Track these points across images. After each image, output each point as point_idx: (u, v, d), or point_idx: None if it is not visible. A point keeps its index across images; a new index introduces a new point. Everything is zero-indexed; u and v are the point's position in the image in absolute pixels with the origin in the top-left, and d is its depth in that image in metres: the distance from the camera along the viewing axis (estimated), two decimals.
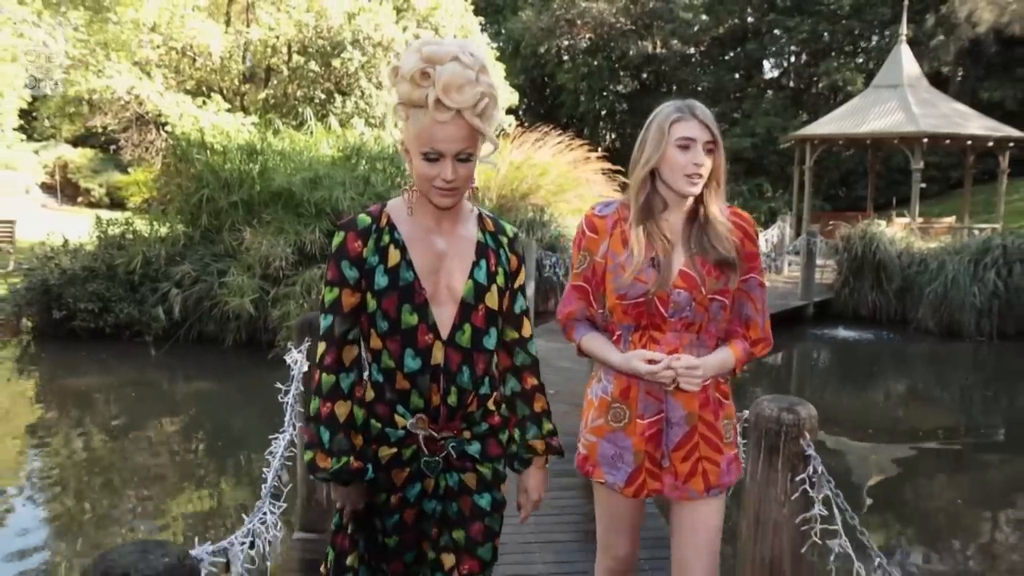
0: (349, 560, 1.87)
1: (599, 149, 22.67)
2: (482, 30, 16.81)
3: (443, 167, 1.68)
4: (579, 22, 30.55)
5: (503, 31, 33.54)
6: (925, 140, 17.41)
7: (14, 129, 28.04)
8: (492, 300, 1.82)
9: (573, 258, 2.21)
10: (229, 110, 12.89)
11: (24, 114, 28.14)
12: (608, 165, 16.29)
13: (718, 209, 2.07)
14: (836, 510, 2.39)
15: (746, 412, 2.66)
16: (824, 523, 2.43)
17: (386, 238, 1.76)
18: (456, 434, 1.82)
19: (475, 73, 1.64)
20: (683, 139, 2.01)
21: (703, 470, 2.13)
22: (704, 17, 31.52)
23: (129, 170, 28.21)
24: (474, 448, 1.85)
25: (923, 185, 18.70)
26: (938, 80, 26.26)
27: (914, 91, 18.84)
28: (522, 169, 14.44)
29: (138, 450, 7.35)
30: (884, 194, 24.71)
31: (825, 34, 29.38)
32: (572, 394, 6.02)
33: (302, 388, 3.93)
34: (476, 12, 17.58)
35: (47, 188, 29.00)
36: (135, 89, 11.68)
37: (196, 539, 1.90)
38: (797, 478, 2.47)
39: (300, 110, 13.31)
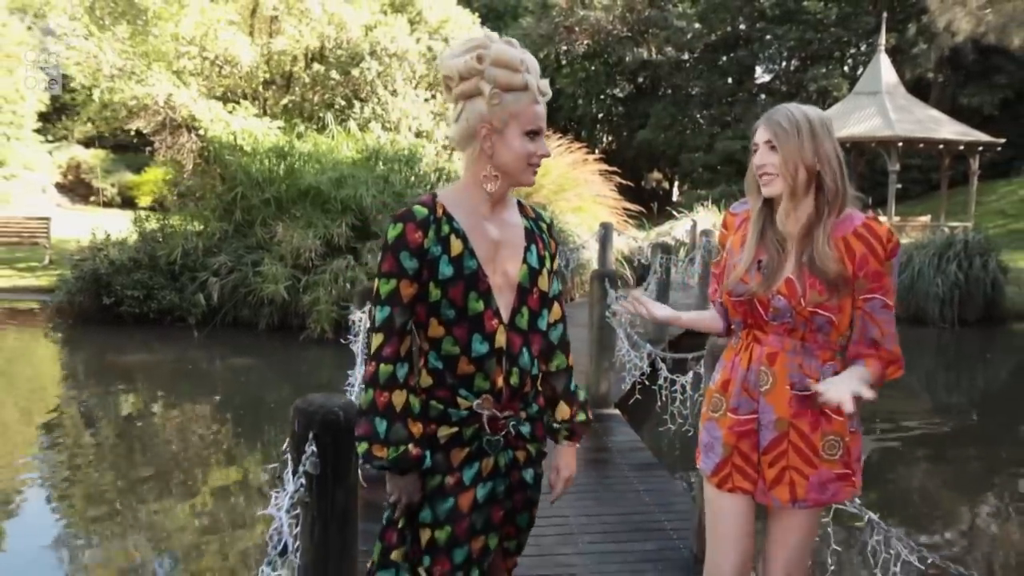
0: (394, 555, 1.88)
1: (596, 151, 23.83)
2: None
3: (541, 143, 1.82)
4: (577, 29, 31.74)
5: (503, 36, 34.64)
6: (900, 144, 18.63)
7: (33, 131, 29.15)
8: (544, 283, 1.90)
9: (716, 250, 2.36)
10: (256, 115, 14.03)
11: (41, 116, 29.24)
12: (605, 166, 17.30)
13: (822, 225, 2.02)
14: None
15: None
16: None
17: (446, 228, 1.80)
18: (515, 413, 1.88)
19: None
20: (753, 144, 2.08)
21: (790, 480, 2.07)
22: (697, 25, 32.73)
23: (142, 170, 29.43)
24: (526, 428, 1.91)
25: (899, 186, 19.90)
26: (920, 86, 27.49)
27: (892, 98, 20.05)
28: None
29: (180, 419, 8.36)
30: (868, 194, 25.82)
31: (813, 42, 30.57)
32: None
33: (364, 342, 4.99)
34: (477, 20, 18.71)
35: (60, 188, 30.06)
36: (173, 96, 12.81)
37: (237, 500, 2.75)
38: None
39: (321, 115, 14.47)
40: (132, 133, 17.79)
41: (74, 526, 5.62)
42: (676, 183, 36.94)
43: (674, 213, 21.96)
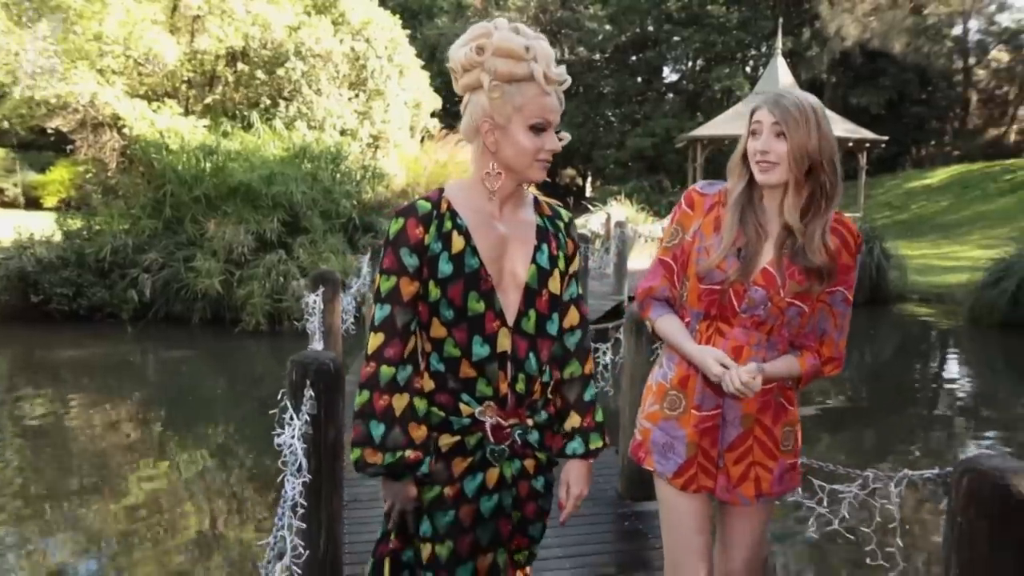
0: (386, 572, 1.81)
1: None
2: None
3: (548, 138, 1.70)
4: None
5: (419, 36, 35.09)
6: None
7: None
8: (555, 285, 1.79)
9: (665, 231, 2.11)
10: (181, 114, 14.20)
11: None
12: None
13: (821, 219, 1.92)
14: None
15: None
16: None
17: (448, 224, 1.71)
18: (521, 421, 1.77)
19: None
20: (754, 123, 1.94)
21: (756, 476, 2.02)
22: (608, 26, 33.94)
23: (47, 169, 28.60)
24: (534, 437, 1.80)
25: None
26: (814, 86, 29.29)
27: None
28: (447, 167, 16.13)
29: (111, 413, 8.34)
30: None
31: (716, 44, 32.13)
32: None
33: (320, 320, 5.51)
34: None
35: None
36: (97, 95, 12.90)
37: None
38: None
39: (245, 114, 14.74)
40: (36, 132, 17.55)
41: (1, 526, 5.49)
42: (589, 179, 38.17)
43: (589, 207, 22.93)
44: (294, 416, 2.51)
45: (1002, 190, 23.27)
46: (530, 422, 1.80)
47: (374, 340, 1.70)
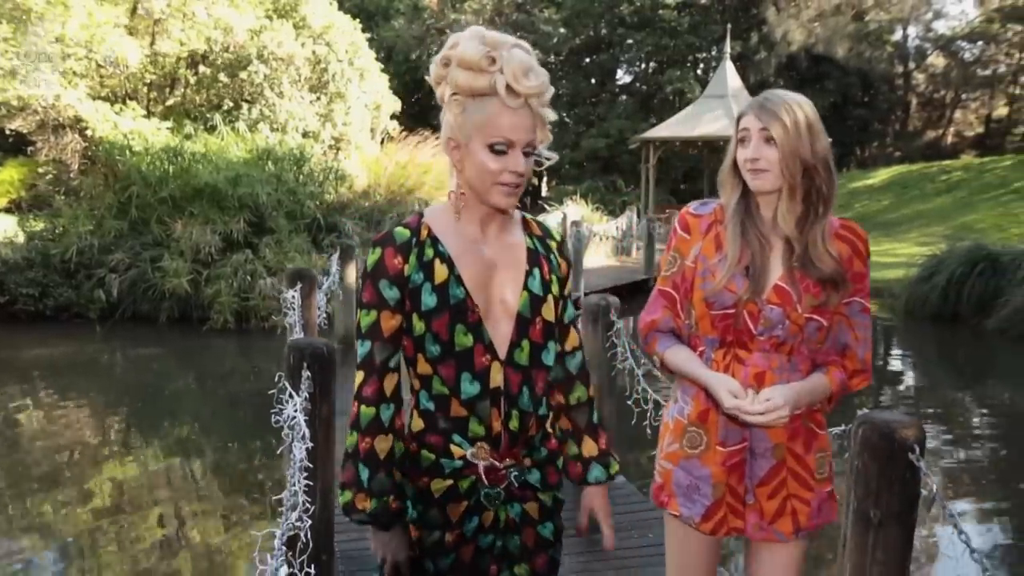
0: None
1: None
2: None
3: (512, 159, 1.53)
4: (448, 31, 32.77)
5: (375, 37, 35.34)
6: None
7: None
8: (549, 311, 1.66)
9: (662, 260, 2.01)
10: (143, 116, 14.38)
11: None
12: None
13: (819, 226, 1.84)
14: None
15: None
16: None
17: (429, 252, 1.59)
18: (517, 461, 1.65)
19: (535, 60, 1.55)
20: (741, 130, 1.85)
21: (792, 509, 1.90)
22: (562, 30, 34.59)
23: None
24: (534, 477, 1.68)
25: None
26: (762, 89, 29.80)
27: (736, 101, 22.28)
28: (407, 168, 16.45)
29: (78, 411, 8.46)
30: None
31: (668, 47, 32.95)
32: None
33: (299, 314, 5.86)
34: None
35: None
36: (61, 97, 13.03)
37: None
38: None
39: (208, 116, 14.95)
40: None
41: None
42: (545, 179, 38.73)
43: (545, 207, 23.45)
44: (294, 394, 2.88)
45: (939, 190, 24.35)
46: (528, 461, 1.67)
47: (356, 379, 1.61)
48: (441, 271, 1.58)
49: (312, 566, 1.79)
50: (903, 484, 2.00)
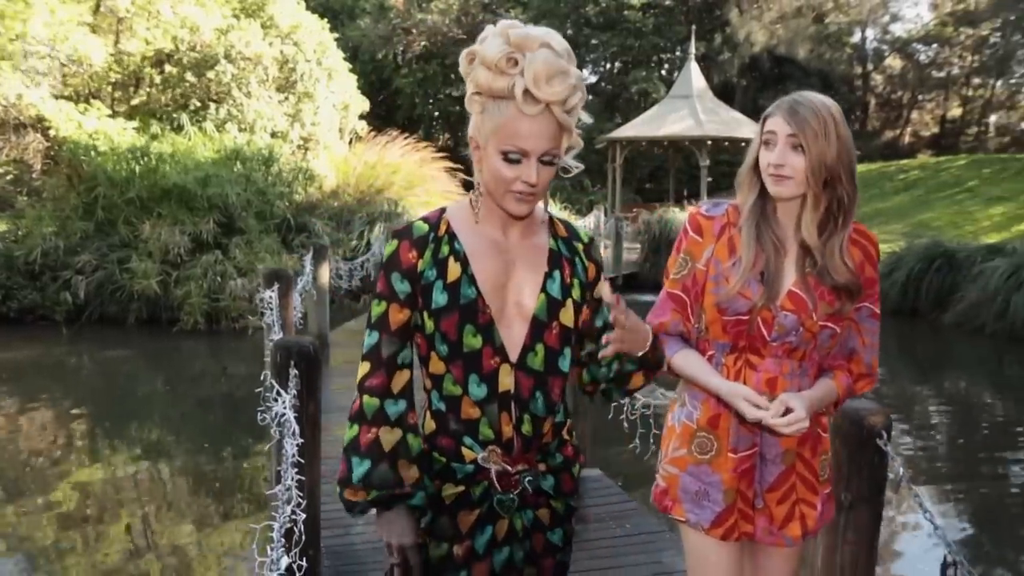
0: None
1: (435, 149, 24.93)
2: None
3: (525, 169, 1.46)
4: (414, 31, 32.75)
5: (341, 36, 35.16)
6: (709, 142, 21.17)
7: None
8: (567, 316, 1.59)
9: (671, 261, 1.95)
10: (108, 116, 14.22)
11: None
12: (450, 164, 18.48)
13: (839, 235, 1.79)
14: None
15: None
16: None
17: (445, 249, 1.55)
18: (530, 467, 1.60)
19: (566, 63, 1.46)
20: (766, 132, 1.79)
21: (801, 514, 1.90)
22: None
23: None
24: (548, 483, 1.63)
25: (710, 179, 22.51)
26: (727, 89, 30.70)
27: (701, 101, 22.61)
28: (376, 168, 16.49)
29: (43, 415, 8.38)
30: (687, 187, 28.70)
31: (633, 47, 33.24)
32: None
33: (277, 314, 5.89)
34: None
35: None
36: (23, 96, 12.84)
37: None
38: None
39: (174, 116, 14.82)
40: None
41: None
42: None
43: None
44: (282, 392, 2.93)
45: (897, 188, 24.89)
46: (542, 467, 1.61)
47: (361, 369, 1.56)
48: (454, 269, 1.54)
49: (302, 559, 1.84)
50: (872, 468, 2.16)
